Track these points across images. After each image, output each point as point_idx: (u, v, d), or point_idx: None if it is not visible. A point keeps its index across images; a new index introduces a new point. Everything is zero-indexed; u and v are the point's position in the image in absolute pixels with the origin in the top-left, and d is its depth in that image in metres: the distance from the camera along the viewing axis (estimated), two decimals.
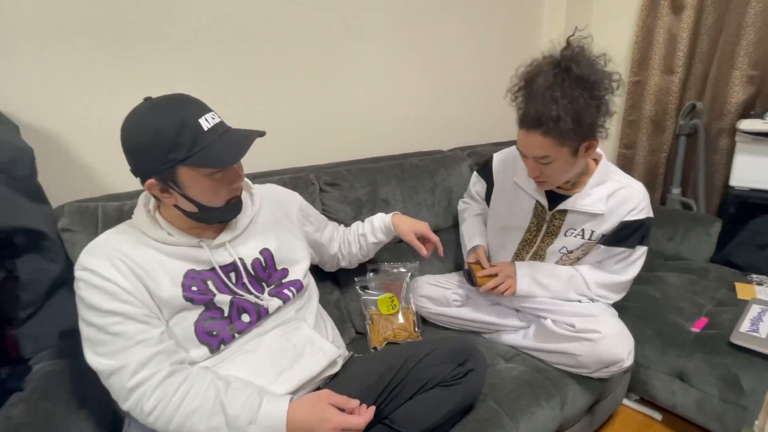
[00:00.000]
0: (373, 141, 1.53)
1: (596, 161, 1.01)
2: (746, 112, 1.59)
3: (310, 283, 0.94)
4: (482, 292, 1.09)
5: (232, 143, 0.67)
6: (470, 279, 1.10)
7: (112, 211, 0.91)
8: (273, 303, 0.80)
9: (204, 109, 0.68)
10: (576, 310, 1.01)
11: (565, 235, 1.03)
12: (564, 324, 0.98)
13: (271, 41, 1.24)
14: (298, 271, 0.87)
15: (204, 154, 0.65)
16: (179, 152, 0.64)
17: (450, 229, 1.44)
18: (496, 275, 1.07)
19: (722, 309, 1.18)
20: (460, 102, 1.75)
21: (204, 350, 0.72)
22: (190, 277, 0.72)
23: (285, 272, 0.85)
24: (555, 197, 1.01)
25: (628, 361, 0.91)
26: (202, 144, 0.65)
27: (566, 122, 0.80)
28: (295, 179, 1.16)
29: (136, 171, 0.68)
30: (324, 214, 1.21)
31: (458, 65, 1.71)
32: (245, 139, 0.67)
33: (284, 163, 1.29)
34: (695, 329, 1.11)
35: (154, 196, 0.71)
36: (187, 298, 0.70)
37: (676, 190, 1.83)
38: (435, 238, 1.05)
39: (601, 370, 0.92)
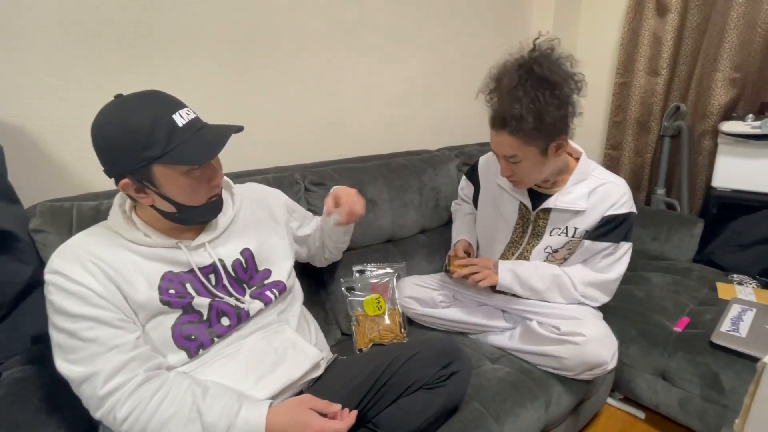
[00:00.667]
0: (360, 140, 1.52)
1: (577, 159, 1.02)
2: (728, 114, 1.61)
3: (295, 284, 0.92)
4: (454, 279, 1.09)
5: (208, 139, 0.65)
6: (445, 268, 1.10)
7: (88, 211, 0.88)
8: (254, 306, 0.78)
9: (178, 105, 0.66)
10: (562, 313, 1.01)
11: (550, 235, 1.04)
12: (549, 326, 0.98)
13: (256, 41, 1.21)
14: (281, 271, 0.85)
15: (180, 151, 0.63)
16: (154, 149, 0.62)
17: (438, 230, 1.44)
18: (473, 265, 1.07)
19: (704, 309, 1.19)
20: (448, 101, 1.75)
21: (182, 355, 0.70)
22: (167, 279, 0.70)
23: (267, 273, 0.83)
24: (537, 197, 1.03)
25: (612, 364, 0.91)
26: (178, 140, 0.63)
27: (528, 121, 0.83)
28: (279, 178, 1.14)
29: (109, 171, 0.65)
30: None
31: (446, 65, 1.71)
32: (222, 134, 0.65)
33: (267, 162, 1.27)
34: (677, 329, 1.12)
35: (130, 197, 0.69)
36: (163, 302, 0.68)
37: (660, 191, 1.85)
38: (348, 200, 0.92)
39: (585, 373, 0.93)
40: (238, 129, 0.67)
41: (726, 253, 1.50)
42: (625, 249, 1.02)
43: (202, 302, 0.72)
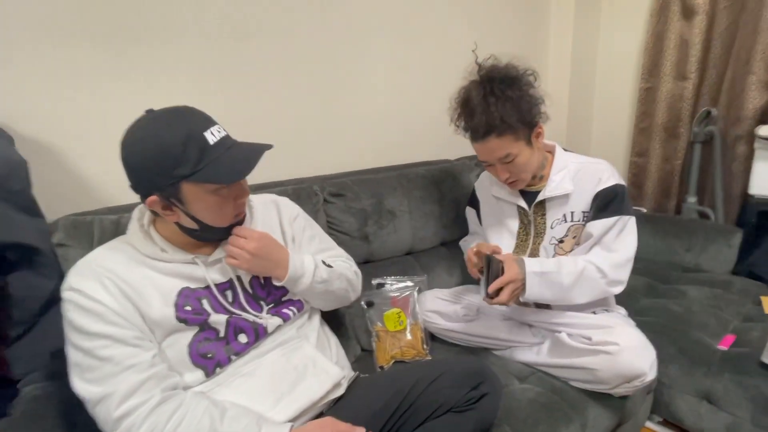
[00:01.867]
0: (379, 150, 1.50)
1: (552, 154, 1.07)
2: (764, 117, 1.53)
3: None
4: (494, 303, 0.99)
5: (239, 157, 0.64)
6: (490, 269, 0.93)
7: (109, 225, 0.88)
8: (272, 322, 0.76)
9: (209, 122, 0.65)
10: (592, 322, 0.95)
11: (551, 228, 1.05)
12: (580, 337, 0.93)
13: (275, 50, 1.22)
14: None
15: (211, 169, 0.62)
16: (185, 168, 0.61)
17: (458, 242, 1.40)
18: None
19: (750, 325, 1.11)
20: None
21: (199, 374, 0.68)
22: (183, 296, 0.68)
23: (284, 290, 0.81)
24: (530, 196, 1.07)
25: (651, 375, 0.85)
26: (209, 158, 0.62)
27: (511, 116, 0.91)
28: (297, 190, 1.12)
29: (137, 187, 0.65)
30: (329, 226, 1.18)
31: (465, 73, 1.68)
32: (253, 152, 0.64)
33: (286, 173, 1.26)
34: (722, 347, 1.04)
35: (154, 213, 0.68)
36: (180, 319, 0.66)
37: (692, 199, 1.76)
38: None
39: (621, 386, 0.86)
40: (269, 147, 0.66)
41: None
42: (631, 222, 0.99)
43: (218, 319, 0.70)
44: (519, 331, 1.09)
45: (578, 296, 0.95)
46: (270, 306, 0.78)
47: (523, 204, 1.07)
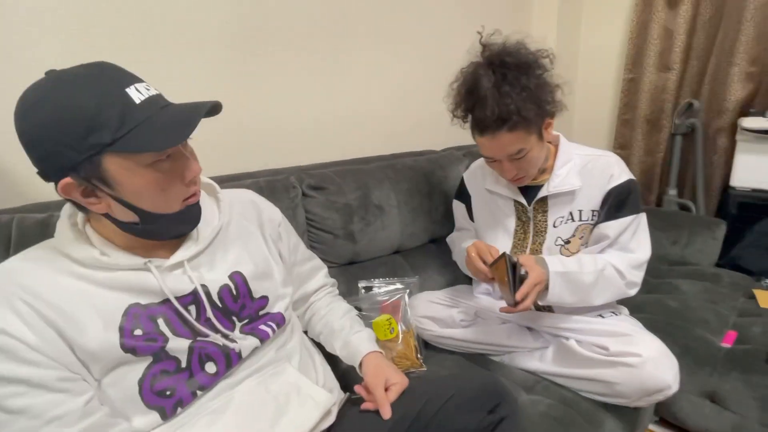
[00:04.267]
0: (360, 140, 1.37)
1: (555, 145, 0.97)
2: (745, 110, 1.54)
3: (292, 314, 0.76)
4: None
5: (178, 118, 0.49)
6: (516, 275, 0.82)
7: (33, 226, 0.70)
8: (247, 343, 0.62)
9: (133, 78, 0.49)
10: (605, 329, 0.87)
11: (554, 227, 0.95)
12: (593, 345, 0.85)
13: (247, 33, 1.05)
14: (280, 300, 0.69)
15: (139, 134, 0.47)
16: (103, 134, 0.45)
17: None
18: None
19: (749, 320, 1.09)
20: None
21: (153, 416, 0.53)
22: (131, 315, 0.53)
23: (263, 302, 0.67)
24: (529, 191, 0.96)
25: (675, 387, 0.78)
26: (135, 120, 0.47)
27: (527, 108, 0.80)
28: (272, 182, 0.98)
29: (45, 169, 0.48)
30: (308, 224, 1.04)
31: (448, 62, 1.57)
32: (195, 110, 0.49)
33: (256, 165, 1.11)
34: (726, 344, 1.01)
35: (76, 205, 0.52)
36: (127, 348, 0.51)
37: (672, 192, 1.77)
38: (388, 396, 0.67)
39: (642, 399, 0.79)
40: (216, 105, 0.51)
41: (754, 256, 1.41)
42: (644, 220, 0.92)
43: (179, 345, 0.55)
44: (519, 336, 1.01)
45: (597, 298, 0.87)
46: (244, 323, 0.64)
47: (521, 200, 0.96)
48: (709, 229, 1.45)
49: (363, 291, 1.05)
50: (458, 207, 1.15)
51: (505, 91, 0.79)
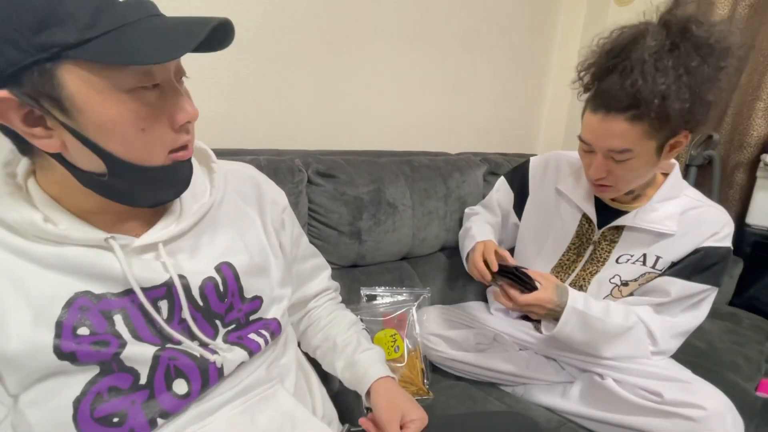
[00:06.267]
0: (374, 132, 1.24)
1: (664, 174, 0.80)
2: (767, 146, 1.49)
3: (288, 322, 0.61)
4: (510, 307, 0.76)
5: (175, 28, 0.34)
6: (519, 279, 0.71)
7: None
8: (232, 357, 0.47)
9: None
10: (654, 371, 0.75)
11: (617, 262, 0.80)
12: (638, 389, 0.73)
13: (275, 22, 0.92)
14: (276, 304, 0.54)
15: (119, 39, 0.32)
16: (65, 30, 0.31)
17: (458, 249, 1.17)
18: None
19: None
20: (470, 105, 1.52)
21: None
22: (77, 307, 0.38)
23: (256, 304, 0.52)
24: (607, 212, 0.80)
25: None
26: (114, 21, 0.32)
27: (678, 100, 0.60)
28: (275, 163, 0.83)
29: None
30: (310, 216, 0.89)
31: (470, 67, 1.48)
32: (199, 23, 0.35)
33: (260, 141, 0.96)
34: (762, 394, 0.91)
35: (15, 140, 0.36)
36: (63, 352, 0.36)
37: None
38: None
39: None
40: (224, 21, 0.36)
41: None
42: (714, 294, 0.79)
43: (140, 353, 0.40)
44: (539, 366, 0.88)
45: (608, 351, 0.75)
46: (230, 329, 0.49)
47: (592, 215, 0.81)
48: None
49: (365, 299, 0.91)
50: (504, 191, 0.98)
51: (663, 66, 0.59)
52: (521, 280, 0.71)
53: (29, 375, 0.36)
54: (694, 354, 1.04)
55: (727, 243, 0.76)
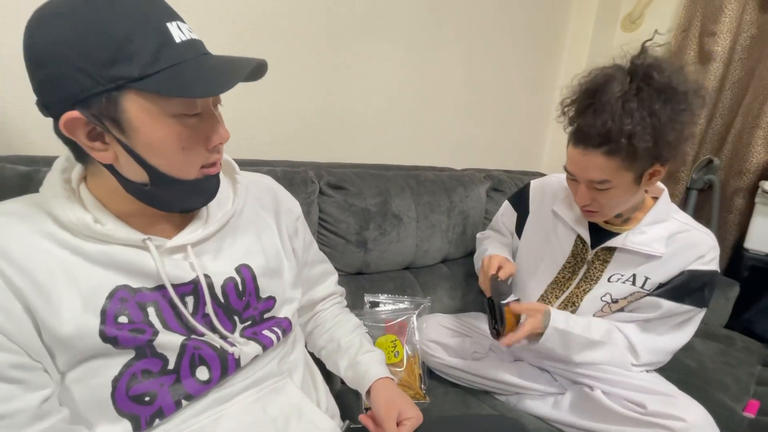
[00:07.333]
0: (381, 145, 1.30)
1: (654, 198, 0.85)
2: (766, 173, 1.53)
3: (298, 322, 0.66)
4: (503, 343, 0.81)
5: (220, 66, 0.41)
6: (494, 328, 0.80)
7: (15, 178, 0.60)
8: (248, 350, 0.52)
9: (176, 15, 0.42)
10: (639, 384, 0.79)
11: (609, 281, 0.85)
12: (624, 400, 0.77)
13: (284, 25, 0.99)
14: (288, 303, 0.60)
15: (173, 75, 0.38)
16: (131, 66, 0.37)
17: (461, 261, 1.22)
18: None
19: None
20: (476, 122, 1.58)
21: (123, 427, 0.43)
22: (118, 298, 0.43)
23: (270, 303, 0.57)
24: (600, 233, 0.85)
25: None
26: (171, 59, 0.39)
27: (643, 140, 0.67)
28: (290, 174, 0.89)
29: (47, 96, 0.39)
30: (320, 225, 0.95)
31: (479, 87, 1.55)
32: (240, 63, 0.42)
33: (275, 153, 1.02)
34: (749, 414, 0.94)
35: (75, 151, 0.42)
36: (107, 337, 0.41)
37: None
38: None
39: None
40: (261, 63, 0.43)
41: (765, 323, 1.37)
42: (701, 316, 0.83)
43: (170, 341, 0.45)
44: (532, 377, 0.92)
45: (587, 357, 0.81)
46: (246, 324, 0.54)
47: (586, 236, 0.86)
48: (722, 289, 1.41)
49: (368, 305, 0.96)
50: (508, 213, 1.04)
51: (630, 108, 0.66)
52: (494, 316, 0.78)
53: (76, 355, 0.41)
54: (685, 372, 1.06)
55: (713, 266, 0.80)
